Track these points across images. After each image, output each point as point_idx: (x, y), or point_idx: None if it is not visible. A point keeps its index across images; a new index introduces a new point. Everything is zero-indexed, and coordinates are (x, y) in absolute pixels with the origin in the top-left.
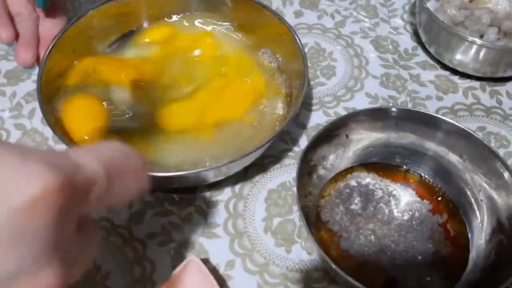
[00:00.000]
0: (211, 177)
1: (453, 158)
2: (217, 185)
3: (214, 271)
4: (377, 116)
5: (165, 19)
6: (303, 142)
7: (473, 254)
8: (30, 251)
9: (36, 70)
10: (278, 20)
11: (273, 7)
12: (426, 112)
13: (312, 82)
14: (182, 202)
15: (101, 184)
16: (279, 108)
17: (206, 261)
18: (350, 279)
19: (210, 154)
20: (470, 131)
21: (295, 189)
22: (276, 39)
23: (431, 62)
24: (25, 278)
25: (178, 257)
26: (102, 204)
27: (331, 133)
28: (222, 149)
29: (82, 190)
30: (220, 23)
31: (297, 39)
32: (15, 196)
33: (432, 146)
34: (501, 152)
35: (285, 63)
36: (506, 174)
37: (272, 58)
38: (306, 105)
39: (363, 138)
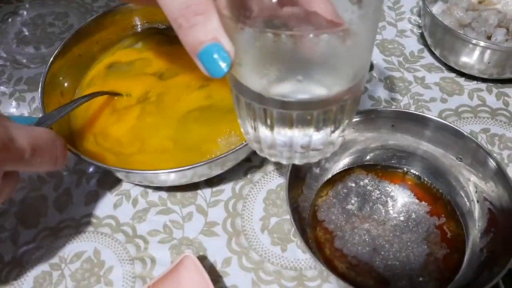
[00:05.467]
0: (204, 172)
1: (450, 159)
2: (218, 185)
3: (211, 267)
4: (371, 118)
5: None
6: None
7: (468, 255)
8: None
9: None
10: None
11: None
12: (420, 113)
13: None
14: (184, 201)
15: (26, 155)
16: None
17: (203, 258)
18: (335, 276)
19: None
20: (464, 132)
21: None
22: None
23: (437, 64)
24: None
25: (178, 253)
26: (23, 168)
27: None
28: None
29: (11, 155)
30: None
31: None
32: None
33: (428, 148)
34: (505, 154)
35: None
36: (499, 173)
37: None
38: None
39: (359, 140)
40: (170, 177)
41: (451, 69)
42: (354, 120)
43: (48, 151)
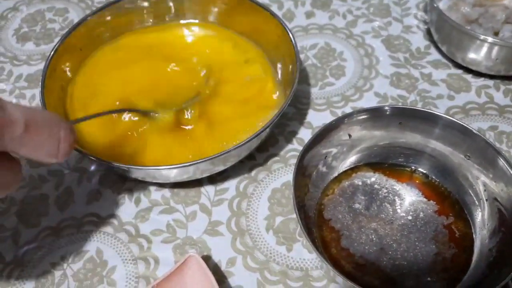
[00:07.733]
0: (207, 168)
1: (458, 157)
2: (222, 184)
3: (215, 267)
4: (378, 115)
5: (166, 19)
6: None
7: (476, 255)
8: None
9: None
10: (275, 20)
11: (284, 9)
12: (428, 110)
13: (320, 83)
14: (187, 200)
15: (17, 130)
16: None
17: (208, 258)
18: (342, 277)
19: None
20: (472, 130)
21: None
22: (274, 40)
23: (444, 60)
24: None
25: (181, 253)
26: (16, 148)
27: (331, 133)
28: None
29: None
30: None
31: (292, 39)
32: None
33: (436, 145)
34: None
35: (285, 63)
36: (509, 172)
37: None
38: (314, 105)
39: (366, 138)
40: (172, 173)
41: (458, 65)
42: (361, 117)
43: (47, 131)
